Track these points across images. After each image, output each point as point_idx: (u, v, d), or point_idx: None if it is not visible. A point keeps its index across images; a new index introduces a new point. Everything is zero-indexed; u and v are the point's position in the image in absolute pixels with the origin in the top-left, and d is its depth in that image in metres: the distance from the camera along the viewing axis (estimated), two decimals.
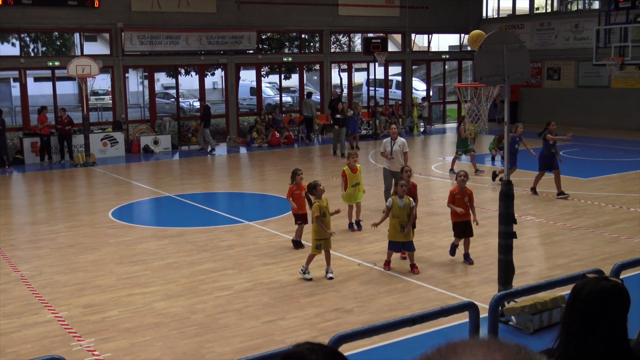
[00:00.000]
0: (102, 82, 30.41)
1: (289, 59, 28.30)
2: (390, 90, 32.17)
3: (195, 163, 21.57)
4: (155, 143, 23.67)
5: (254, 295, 8.69)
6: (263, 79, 30.31)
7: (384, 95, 30.33)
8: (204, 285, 9.12)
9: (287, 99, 32.99)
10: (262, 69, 28.90)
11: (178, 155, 23.18)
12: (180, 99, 27.18)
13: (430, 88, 32.32)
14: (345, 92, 29.34)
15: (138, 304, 8.44)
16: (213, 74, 35.66)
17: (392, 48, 31.13)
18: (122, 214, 13.83)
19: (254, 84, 29.24)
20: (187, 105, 33.84)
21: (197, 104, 29.87)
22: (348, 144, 22.57)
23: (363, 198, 12.21)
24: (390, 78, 32.49)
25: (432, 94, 32.42)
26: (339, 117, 21.71)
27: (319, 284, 9.09)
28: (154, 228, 12.76)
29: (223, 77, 27.77)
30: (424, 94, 32.29)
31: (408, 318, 5.24)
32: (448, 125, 31.27)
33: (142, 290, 8.97)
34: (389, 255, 9.72)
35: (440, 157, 21.69)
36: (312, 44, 31.40)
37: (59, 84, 24.95)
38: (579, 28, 28.33)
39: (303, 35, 29.35)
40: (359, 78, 36.77)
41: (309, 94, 26.96)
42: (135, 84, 38.27)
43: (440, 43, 35.53)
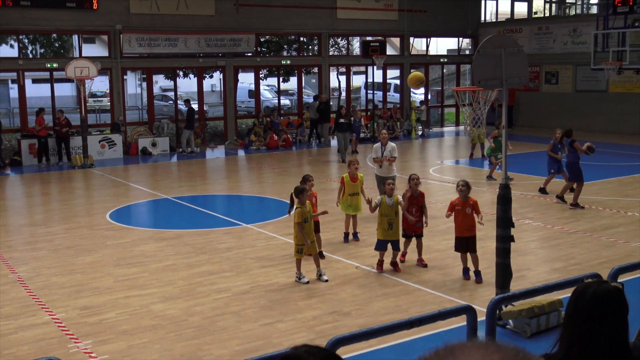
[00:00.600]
0: (100, 84, 30.33)
1: (288, 62, 28.31)
2: (389, 94, 32.20)
3: (194, 165, 21.56)
4: (153, 145, 23.66)
5: (252, 298, 8.69)
6: (261, 82, 30.30)
7: (382, 99, 30.36)
8: (202, 288, 9.12)
9: (285, 102, 32.97)
10: (260, 72, 28.89)
11: (176, 158, 23.17)
12: (179, 102, 27.15)
13: (429, 91, 32.34)
14: (344, 95, 29.35)
15: (135, 306, 8.43)
16: (211, 77, 35.63)
17: (390, 51, 31.15)
18: (119, 216, 13.82)
19: (253, 87, 29.24)
20: (184, 108, 33.77)
21: (194, 106, 29.86)
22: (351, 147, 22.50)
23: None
24: (389, 81, 32.54)
25: (430, 98, 32.44)
26: (343, 121, 21.13)
27: (317, 287, 9.09)
28: (152, 230, 12.75)
29: (221, 79, 27.77)
30: (422, 98, 32.32)
31: (406, 321, 5.25)
32: (446, 129, 31.30)
33: (139, 293, 8.97)
34: (381, 256, 9.75)
35: (439, 160, 21.70)
36: (310, 47, 31.42)
37: (57, 86, 24.94)
38: (577, 32, 28.38)
39: (302, 38, 29.36)
40: (358, 81, 36.76)
41: (316, 97, 26.96)
42: (134, 86, 38.24)
43: (439, 47, 35.57)
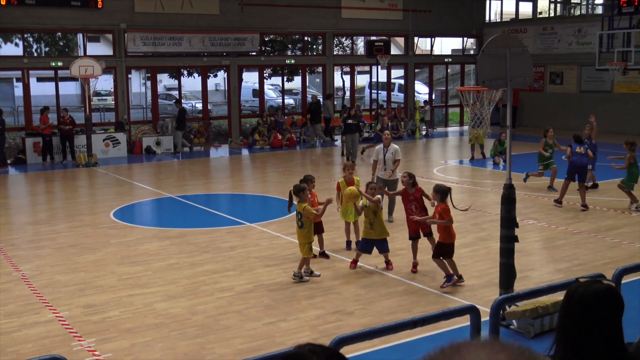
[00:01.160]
0: (104, 82, 30.45)
1: (292, 61, 28.31)
2: (393, 94, 32.18)
3: (197, 164, 21.58)
4: (157, 144, 23.68)
5: (255, 297, 8.69)
6: (265, 81, 30.31)
7: (387, 99, 30.35)
8: (205, 287, 9.12)
9: (289, 101, 32.99)
10: (264, 71, 28.91)
11: (180, 157, 23.19)
12: (183, 100, 27.19)
13: (433, 91, 32.32)
14: (348, 94, 29.34)
15: (139, 305, 8.44)
16: (216, 76, 35.67)
17: (394, 51, 31.13)
18: (123, 215, 13.84)
19: (257, 86, 29.26)
20: (189, 107, 33.86)
21: (198, 106, 29.99)
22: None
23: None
24: (393, 81, 32.52)
25: (434, 98, 32.42)
26: (351, 122, 20.33)
27: (320, 286, 9.09)
28: (156, 229, 12.76)
29: (226, 78, 27.81)
30: (426, 98, 32.30)
31: (409, 321, 5.24)
32: (450, 129, 31.27)
33: (143, 291, 8.97)
34: (357, 256, 9.82)
35: (442, 160, 21.68)
36: (314, 47, 31.42)
37: (62, 85, 24.97)
38: (582, 33, 28.33)
39: (306, 38, 29.37)
40: (362, 81, 36.77)
41: (329, 96, 26.96)
42: (138, 85, 38.28)
43: (443, 46, 35.56)
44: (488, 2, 32.38)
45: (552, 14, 32.76)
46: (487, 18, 32.51)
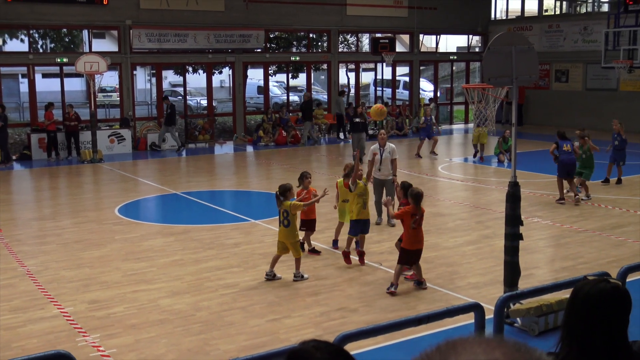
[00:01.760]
0: (110, 79, 30.50)
1: (297, 58, 28.30)
2: (398, 91, 32.13)
3: (202, 161, 21.61)
4: (163, 140, 23.70)
5: (259, 294, 8.70)
6: (270, 78, 30.30)
7: (392, 96, 30.30)
8: (209, 283, 9.14)
9: (294, 98, 33.01)
10: (269, 68, 28.89)
11: (185, 153, 23.22)
12: (188, 97, 27.20)
13: (438, 89, 32.27)
14: (353, 92, 29.32)
15: (143, 301, 8.46)
16: (221, 72, 35.67)
17: (399, 48, 31.10)
18: (128, 211, 13.86)
19: (262, 83, 29.25)
20: (194, 103, 33.92)
21: (203, 102, 30.02)
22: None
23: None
24: (398, 78, 32.46)
25: (439, 95, 32.36)
26: (358, 121, 19.79)
27: (324, 284, 9.09)
28: (160, 225, 12.79)
29: (230, 75, 27.78)
30: (432, 95, 32.24)
31: (413, 318, 5.25)
32: (455, 127, 31.22)
33: (147, 287, 9.00)
34: (349, 242, 9.81)
35: (447, 158, 21.65)
36: (319, 44, 31.39)
37: (67, 81, 25.03)
38: (588, 30, 28.23)
39: (311, 35, 29.34)
40: (367, 78, 36.72)
41: (342, 92, 26.90)
42: (143, 82, 38.36)
43: (448, 44, 35.48)
44: None
45: (557, 12, 32.64)
46: (492, 15, 32.42)
